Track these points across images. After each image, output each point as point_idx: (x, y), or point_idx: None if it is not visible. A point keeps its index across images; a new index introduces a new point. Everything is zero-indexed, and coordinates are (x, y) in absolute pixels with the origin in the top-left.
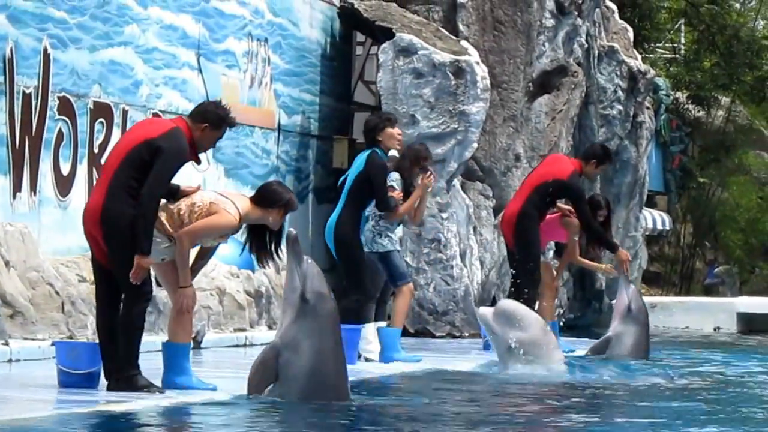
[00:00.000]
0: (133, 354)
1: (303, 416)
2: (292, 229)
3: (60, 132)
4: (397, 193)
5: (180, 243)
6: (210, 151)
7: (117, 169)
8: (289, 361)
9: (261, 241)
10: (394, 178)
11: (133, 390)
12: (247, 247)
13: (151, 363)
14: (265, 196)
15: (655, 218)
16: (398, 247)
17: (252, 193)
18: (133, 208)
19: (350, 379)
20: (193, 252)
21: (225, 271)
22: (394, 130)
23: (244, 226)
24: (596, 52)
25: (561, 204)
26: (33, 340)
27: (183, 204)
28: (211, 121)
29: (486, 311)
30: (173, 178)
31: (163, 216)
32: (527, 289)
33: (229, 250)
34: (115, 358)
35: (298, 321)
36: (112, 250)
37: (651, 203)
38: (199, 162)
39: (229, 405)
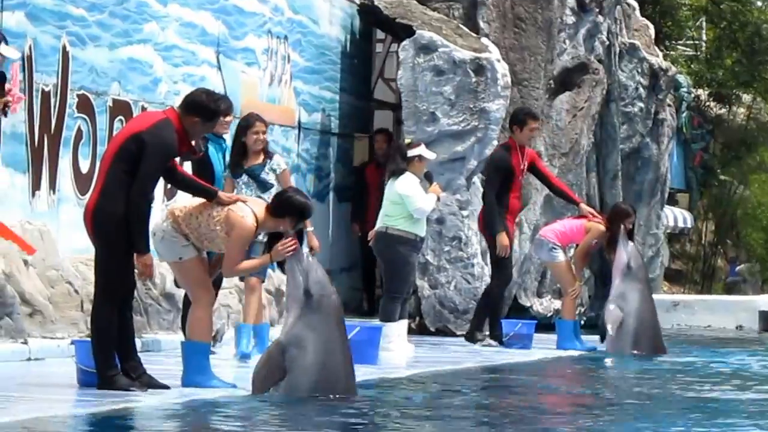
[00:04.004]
0: (110, 353)
1: (317, 413)
2: (289, 229)
3: (79, 130)
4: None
5: (231, 270)
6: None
7: (110, 165)
8: (296, 356)
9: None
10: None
11: (115, 389)
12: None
13: (172, 361)
14: (279, 206)
15: (677, 216)
16: None
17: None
18: (125, 206)
19: (366, 378)
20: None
21: None
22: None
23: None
24: (617, 49)
25: (584, 206)
26: (52, 338)
27: (204, 210)
28: (203, 115)
29: None
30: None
31: (181, 216)
32: (496, 282)
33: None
34: (131, 355)
35: (303, 316)
36: (95, 247)
37: (672, 201)
38: (195, 153)
39: (249, 402)
